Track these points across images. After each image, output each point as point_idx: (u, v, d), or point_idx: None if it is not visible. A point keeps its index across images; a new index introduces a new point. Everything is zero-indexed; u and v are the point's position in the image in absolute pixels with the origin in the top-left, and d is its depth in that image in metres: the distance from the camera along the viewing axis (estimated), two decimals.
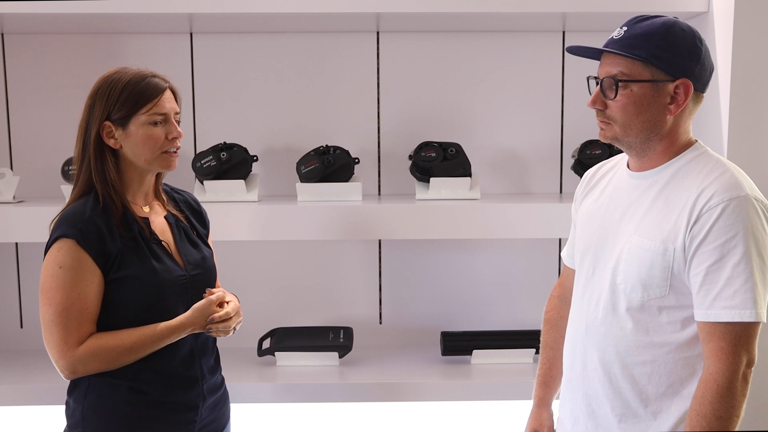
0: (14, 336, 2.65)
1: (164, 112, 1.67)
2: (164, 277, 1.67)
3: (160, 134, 1.67)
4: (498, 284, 2.68)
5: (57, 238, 1.61)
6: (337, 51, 2.59)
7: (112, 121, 1.65)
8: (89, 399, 1.67)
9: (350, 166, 2.44)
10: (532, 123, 2.64)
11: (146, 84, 1.66)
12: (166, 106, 1.68)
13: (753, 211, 1.42)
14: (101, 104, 1.65)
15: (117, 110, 1.64)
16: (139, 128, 1.66)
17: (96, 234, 1.61)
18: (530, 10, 2.26)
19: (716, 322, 1.41)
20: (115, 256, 1.63)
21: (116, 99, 1.64)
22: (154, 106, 1.66)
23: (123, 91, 1.64)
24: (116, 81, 1.65)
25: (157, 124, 1.67)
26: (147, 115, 1.65)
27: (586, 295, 1.63)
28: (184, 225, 1.81)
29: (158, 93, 1.67)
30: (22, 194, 2.49)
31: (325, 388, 2.31)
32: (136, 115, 1.65)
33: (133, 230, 1.67)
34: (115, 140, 1.66)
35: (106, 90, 1.65)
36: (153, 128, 1.67)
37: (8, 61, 2.57)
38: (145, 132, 1.66)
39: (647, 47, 1.47)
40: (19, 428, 2.46)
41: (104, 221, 1.63)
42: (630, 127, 1.51)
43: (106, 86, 1.65)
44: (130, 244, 1.66)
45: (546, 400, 1.88)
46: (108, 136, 1.66)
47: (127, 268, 1.64)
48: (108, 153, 1.67)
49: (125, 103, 1.64)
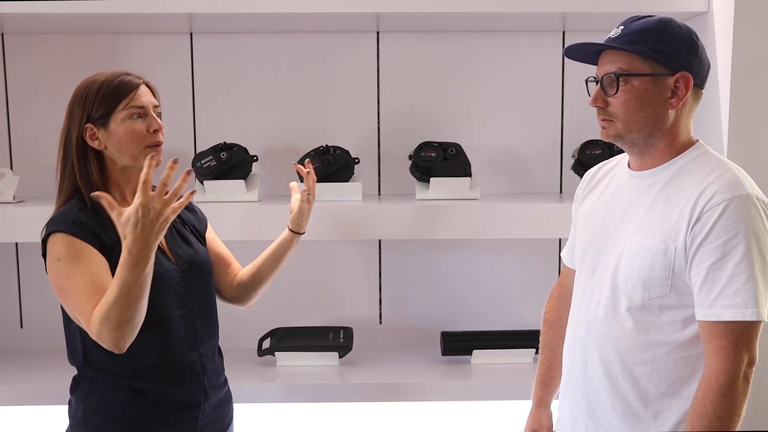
0: (14, 336, 2.64)
1: (142, 104, 1.68)
2: (157, 271, 1.66)
3: (141, 128, 1.68)
4: (498, 284, 2.68)
5: (48, 234, 1.62)
6: (337, 51, 2.60)
7: (93, 123, 1.66)
8: (91, 398, 1.67)
9: (350, 166, 2.44)
10: (532, 123, 2.64)
11: (120, 81, 1.68)
12: (143, 99, 1.69)
13: (754, 210, 1.42)
14: (79, 108, 1.67)
15: (95, 110, 1.66)
16: (119, 125, 1.66)
17: (87, 228, 1.62)
18: (530, 10, 2.27)
19: (717, 321, 1.41)
20: (112, 249, 1.63)
21: (93, 100, 1.65)
22: (130, 100, 1.67)
23: (99, 91, 1.66)
24: (91, 83, 1.67)
25: (137, 118, 1.68)
26: (125, 110, 1.66)
27: (587, 294, 1.63)
28: (174, 221, 1.81)
29: (133, 88, 1.68)
30: (22, 194, 2.49)
31: (325, 388, 2.31)
32: (115, 112, 1.66)
33: None
34: (99, 141, 1.67)
35: (83, 94, 1.67)
36: (133, 123, 1.67)
37: (8, 61, 2.57)
38: (126, 127, 1.66)
39: (646, 42, 1.48)
40: (19, 428, 2.46)
41: (95, 219, 1.64)
42: (632, 122, 1.51)
43: (83, 90, 1.68)
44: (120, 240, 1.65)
45: (545, 400, 1.88)
46: (92, 138, 1.67)
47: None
48: (91, 156, 1.68)
49: (102, 101, 1.65)
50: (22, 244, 2.61)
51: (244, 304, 2.01)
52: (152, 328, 1.66)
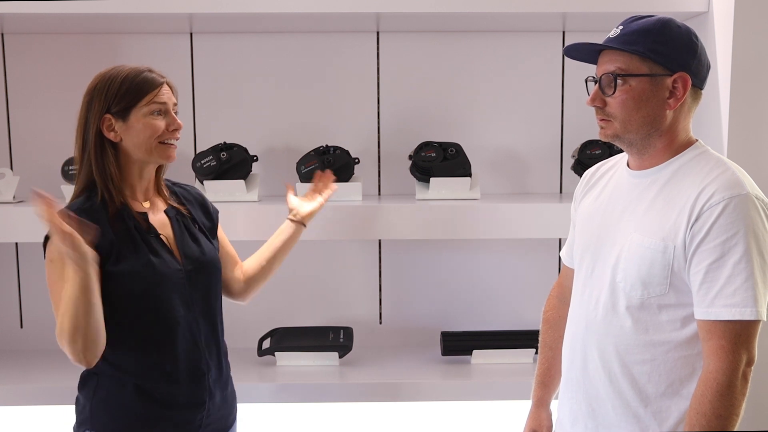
0: (14, 336, 2.65)
1: (164, 101, 1.70)
2: (162, 270, 1.68)
3: (161, 125, 1.70)
4: (498, 284, 2.68)
5: (47, 234, 1.62)
6: (337, 51, 2.60)
7: (112, 114, 1.67)
8: (98, 395, 1.68)
9: (350, 166, 2.44)
10: (532, 123, 2.64)
11: (144, 77, 1.69)
12: (164, 97, 1.71)
13: (754, 210, 1.42)
14: (100, 99, 1.67)
15: (117, 103, 1.66)
16: (139, 119, 1.67)
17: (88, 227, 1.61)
18: (530, 10, 2.27)
19: (716, 320, 1.41)
20: (109, 250, 1.63)
21: (116, 92, 1.66)
22: (154, 96, 1.68)
23: (123, 84, 1.67)
24: (114, 76, 1.68)
25: (158, 114, 1.69)
26: (147, 106, 1.68)
27: (586, 293, 1.63)
28: (185, 219, 1.81)
29: (157, 85, 1.69)
30: (22, 194, 2.49)
31: (325, 388, 2.31)
32: (137, 107, 1.67)
33: (128, 225, 1.67)
34: (115, 133, 1.68)
35: (105, 85, 1.67)
36: (154, 119, 1.69)
37: (8, 61, 2.57)
38: (147, 122, 1.68)
39: (645, 42, 1.48)
40: (19, 428, 2.46)
41: (95, 217, 1.63)
42: (630, 122, 1.51)
43: (105, 82, 1.67)
44: (125, 238, 1.66)
45: (545, 400, 1.88)
46: (108, 129, 1.67)
47: (124, 262, 1.64)
48: (108, 147, 1.68)
49: (126, 94, 1.66)
50: (22, 244, 2.61)
51: (246, 298, 2.01)
52: (157, 328, 1.68)
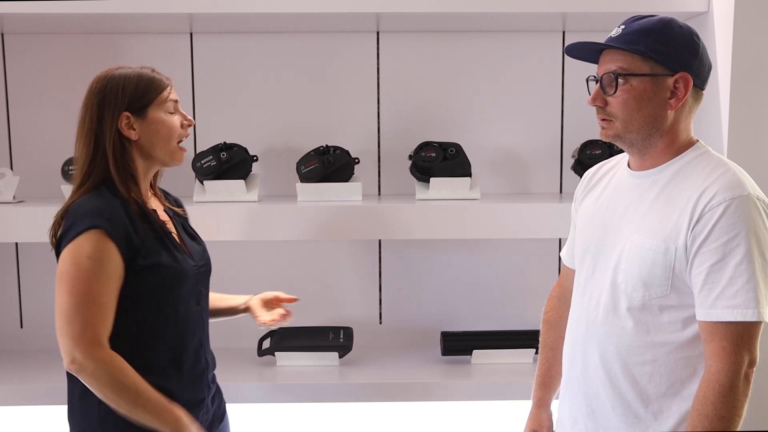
0: (14, 336, 2.64)
1: (176, 99, 1.73)
2: (183, 266, 1.69)
3: (176, 121, 1.72)
4: (498, 284, 2.68)
5: (87, 228, 1.58)
6: (337, 51, 2.59)
7: (131, 112, 1.66)
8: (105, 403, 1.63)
9: (350, 166, 2.44)
10: (532, 123, 2.64)
11: (154, 75, 1.71)
12: (175, 94, 1.73)
13: (755, 211, 1.42)
14: (116, 96, 1.65)
15: (136, 100, 1.66)
16: (156, 116, 1.68)
17: (122, 226, 1.61)
18: (530, 10, 2.27)
19: (718, 321, 1.41)
20: (139, 247, 1.63)
21: (134, 89, 1.66)
22: (168, 93, 1.71)
23: (139, 82, 1.67)
24: (128, 74, 1.68)
25: (172, 112, 1.71)
26: (163, 103, 1.69)
27: (587, 294, 1.63)
28: (181, 219, 1.84)
29: (168, 83, 1.72)
30: (22, 194, 2.49)
31: (325, 388, 2.31)
32: (153, 104, 1.68)
33: (151, 222, 1.68)
34: (134, 131, 1.67)
35: (118, 83, 1.66)
36: (171, 115, 1.71)
37: (8, 61, 2.57)
38: (163, 119, 1.69)
39: (646, 42, 1.48)
40: (19, 428, 2.46)
41: (126, 214, 1.63)
42: (631, 122, 1.51)
43: (116, 80, 1.66)
44: (150, 235, 1.66)
45: (545, 400, 1.88)
46: (128, 127, 1.66)
47: (153, 257, 1.64)
48: (126, 144, 1.68)
49: (145, 91, 1.67)
50: (22, 244, 2.61)
51: None
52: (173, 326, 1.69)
